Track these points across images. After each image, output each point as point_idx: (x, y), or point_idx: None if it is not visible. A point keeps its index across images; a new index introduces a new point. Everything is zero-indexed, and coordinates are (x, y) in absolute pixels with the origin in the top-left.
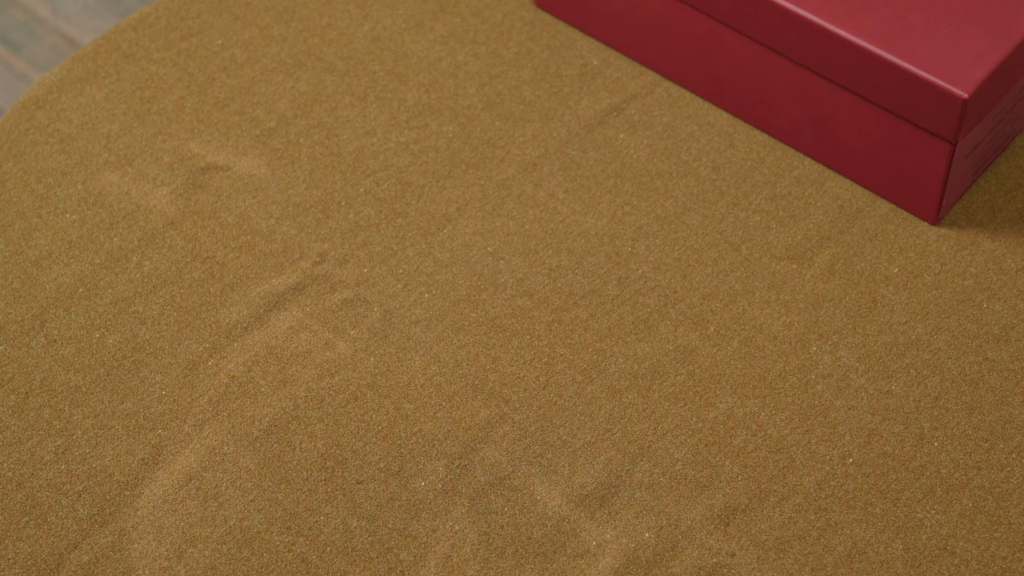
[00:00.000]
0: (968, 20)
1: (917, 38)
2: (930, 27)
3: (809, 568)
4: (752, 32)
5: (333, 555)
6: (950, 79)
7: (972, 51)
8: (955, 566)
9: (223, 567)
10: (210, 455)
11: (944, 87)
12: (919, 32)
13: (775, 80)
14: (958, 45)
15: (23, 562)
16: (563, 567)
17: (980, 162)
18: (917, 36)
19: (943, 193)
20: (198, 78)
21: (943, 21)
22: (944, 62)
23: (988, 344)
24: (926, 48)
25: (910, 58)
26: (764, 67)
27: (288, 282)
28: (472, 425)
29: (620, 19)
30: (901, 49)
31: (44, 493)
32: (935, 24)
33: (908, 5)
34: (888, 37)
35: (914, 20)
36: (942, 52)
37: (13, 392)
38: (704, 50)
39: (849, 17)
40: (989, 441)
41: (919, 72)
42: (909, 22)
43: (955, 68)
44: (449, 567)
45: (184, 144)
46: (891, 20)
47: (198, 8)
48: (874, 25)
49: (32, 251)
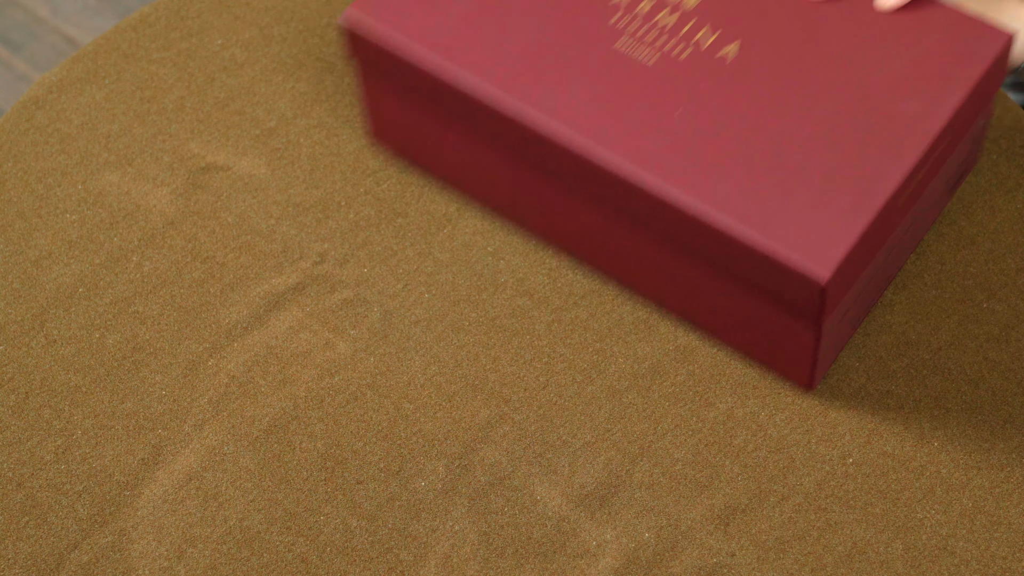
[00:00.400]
0: (826, 186)
1: (772, 211)
2: (786, 196)
3: (809, 568)
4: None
5: (333, 555)
6: (808, 261)
7: (831, 224)
8: (955, 566)
9: (223, 567)
10: (210, 455)
11: (801, 271)
12: (774, 204)
13: (635, 248)
14: (816, 216)
15: (23, 562)
16: (563, 567)
17: (857, 318)
18: (772, 209)
19: (814, 365)
20: (198, 78)
21: (800, 188)
22: (801, 240)
23: (988, 344)
24: (782, 223)
25: (765, 236)
26: (618, 234)
27: (288, 282)
28: (472, 425)
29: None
30: (756, 224)
31: (44, 493)
32: (791, 192)
33: (762, 172)
34: (742, 210)
35: (769, 189)
36: (799, 227)
37: (13, 392)
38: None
39: (697, 186)
40: (989, 441)
41: (774, 253)
42: (764, 192)
43: (813, 247)
44: (449, 567)
45: (184, 144)
46: (745, 189)
47: (198, 8)
48: (728, 195)
49: (32, 251)
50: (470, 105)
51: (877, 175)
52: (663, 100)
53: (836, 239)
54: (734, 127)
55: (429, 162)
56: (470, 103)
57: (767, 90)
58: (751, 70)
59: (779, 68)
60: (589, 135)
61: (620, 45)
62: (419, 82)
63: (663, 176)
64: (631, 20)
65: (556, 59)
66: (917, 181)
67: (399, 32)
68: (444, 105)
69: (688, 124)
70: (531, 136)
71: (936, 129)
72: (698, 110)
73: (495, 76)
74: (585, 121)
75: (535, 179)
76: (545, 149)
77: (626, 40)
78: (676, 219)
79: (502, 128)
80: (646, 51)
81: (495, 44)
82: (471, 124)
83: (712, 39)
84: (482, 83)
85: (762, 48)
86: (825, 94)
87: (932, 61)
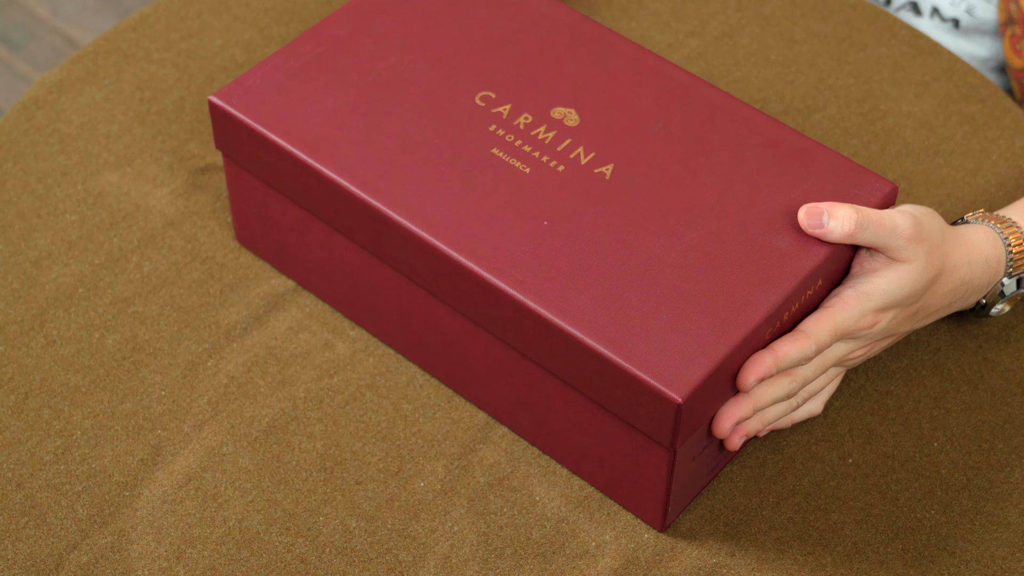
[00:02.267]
0: (690, 310)
1: (632, 327)
2: (647, 313)
3: (809, 568)
4: (457, 304)
5: (332, 556)
6: (665, 380)
7: (691, 347)
8: (955, 566)
9: (223, 567)
10: (209, 455)
11: (657, 388)
12: (634, 320)
13: (484, 356)
14: (678, 336)
15: (23, 562)
16: (563, 567)
17: (716, 459)
18: (632, 324)
19: (667, 499)
20: (198, 78)
21: (663, 310)
22: (660, 358)
23: (988, 344)
24: (641, 340)
25: (622, 351)
26: (471, 341)
27: (288, 282)
28: (471, 426)
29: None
30: (613, 339)
31: (44, 493)
32: (653, 310)
33: (627, 289)
34: (600, 323)
35: (630, 304)
36: (659, 346)
37: (13, 392)
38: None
39: (559, 297)
40: (989, 441)
41: (631, 369)
42: (624, 306)
43: (670, 368)
44: (449, 567)
45: (184, 144)
46: (604, 302)
47: (198, 8)
48: (584, 306)
49: (32, 251)
50: (331, 199)
51: (744, 304)
52: (534, 208)
53: (695, 362)
54: (603, 242)
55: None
56: (331, 197)
57: (640, 210)
58: (626, 189)
59: (655, 191)
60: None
61: (497, 152)
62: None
63: (524, 285)
64: (508, 131)
65: (426, 160)
66: (783, 319)
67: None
68: (305, 199)
69: (556, 235)
70: (391, 234)
71: (809, 267)
72: (568, 222)
73: (357, 172)
74: (448, 223)
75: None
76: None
77: (502, 149)
78: (534, 330)
79: (362, 225)
80: (522, 164)
81: (362, 140)
82: (332, 220)
83: (589, 158)
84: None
85: (640, 170)
86: (701, 221)
87: (814, 200)
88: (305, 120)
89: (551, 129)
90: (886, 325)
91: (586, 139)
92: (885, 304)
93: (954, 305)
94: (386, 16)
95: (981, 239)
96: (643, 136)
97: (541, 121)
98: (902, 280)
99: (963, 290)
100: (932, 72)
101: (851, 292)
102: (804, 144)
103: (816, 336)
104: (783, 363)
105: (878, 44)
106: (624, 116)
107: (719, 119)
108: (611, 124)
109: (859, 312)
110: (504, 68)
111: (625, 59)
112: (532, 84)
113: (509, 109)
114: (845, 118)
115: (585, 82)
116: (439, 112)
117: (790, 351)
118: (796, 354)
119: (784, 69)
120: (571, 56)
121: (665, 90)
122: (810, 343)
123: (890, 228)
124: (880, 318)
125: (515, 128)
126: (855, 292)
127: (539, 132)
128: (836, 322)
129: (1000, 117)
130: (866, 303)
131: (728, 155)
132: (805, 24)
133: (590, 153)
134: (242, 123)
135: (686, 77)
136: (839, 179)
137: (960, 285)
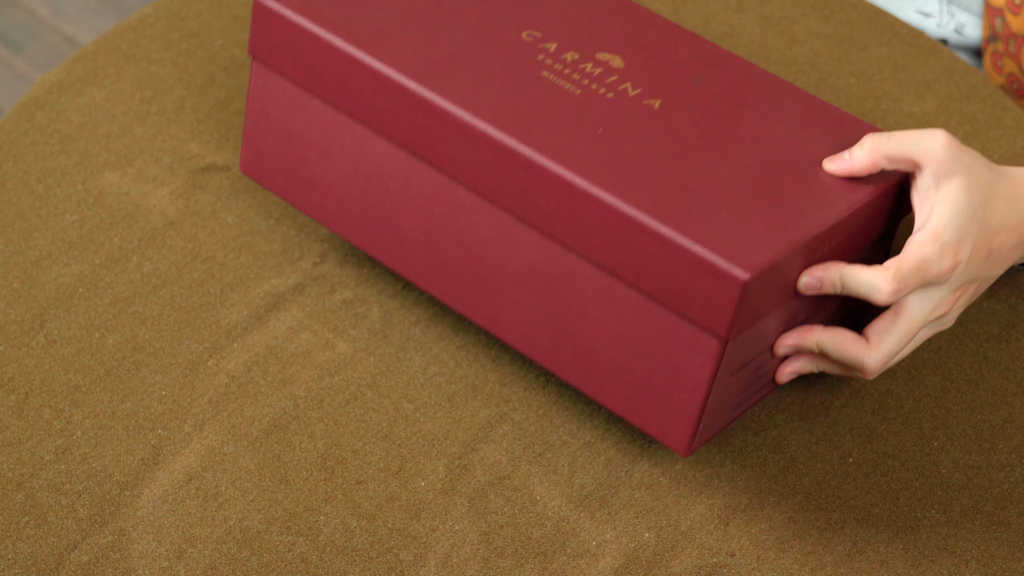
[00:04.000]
0: (752, 209)
1: (694, 213)
2: (710, 206)
3: (809, 568)
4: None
5: (333, 555)
6: (731, 258)
7: (755, 236)
8: (955, 566)
9: (223, 567)
10: (210, 455)
11: (723, 266)
12: (697, 208)
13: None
14: (740, 228)
15: (23, 562)
16: (563, 567)
17: (748, 389)
18: (694, 212)
19: (703, 410)
20: (198, 78)
21: (724, 204)
22: (724, 240)
23: (988, 344)
24: (703, 224)
25: (686, 231)
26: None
27: (288, 282)
28: (472, 425)
29: None
30: (675, 221)
31: (44, 493)
32: (715, 205)
33: (685, 184)
34: (661, 207)
35: (690, 197)
36: (722, 231)
37: (13, 392)
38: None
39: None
40: (989, 441)
41: (696, 248)
42: (685, 198)
43: (736, 248)
44: (449, 567)
45: (184, 144)
46: (665, 193)
47: (198, 8)
48: (644, 192)
49: (32, 251)
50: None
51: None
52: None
53: (760, 248)
54: (659, 153)
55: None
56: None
57: (693, 136)
58: (677, 119)
59: (706, 123)
60: (509, 130)
61: (547, 75)
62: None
63: (580, 169)
64: (556, 60)
65: (479, 70)
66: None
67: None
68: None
69: (613, 138)
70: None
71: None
72: (624, 132)
73: (412, 68)
74: (507, 120)
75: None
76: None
77: (552, 73)
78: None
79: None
80: (571, 86)
81: (414, 44)
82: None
83: (637, 92)
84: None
85: (688, 105)
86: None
87: None
88: (354, 20)
89: (597, 67)
90: (966, 264)
91: (632, 78)
92: (958, 234)
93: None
94: None
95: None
96: (686, 84)
97: (587, 59)
98: (958, 200)
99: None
100: (933, 72)
101: (923, 233)
102: (839, 114)
103: (899, 272)
104: (849, 281)
105: (879, 44)
106: (667, 67)
107: (754, 85)
108: (655, 71)
109: (939, 249)
110: (549, 13)
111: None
112: (578, 29)
113: (556, 47)
114: None
115: (629, 35)
116: (488, 37)
117: (861, 272)
118: (867, 279)
119: (785, 69)
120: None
121: (704, 56)
122: (888, 274)
123: (917, 133)
124: (960, 255)
125: (563, 60)
126: (927, 232)
127: (587, 67)
128: (918, 259)
129: (1001, 117)
130: (941, 237)
131: (768, 112)
132: (806, 24)
133: (638, 88)
134: (288, 20)
135: (721, 51)
136: None
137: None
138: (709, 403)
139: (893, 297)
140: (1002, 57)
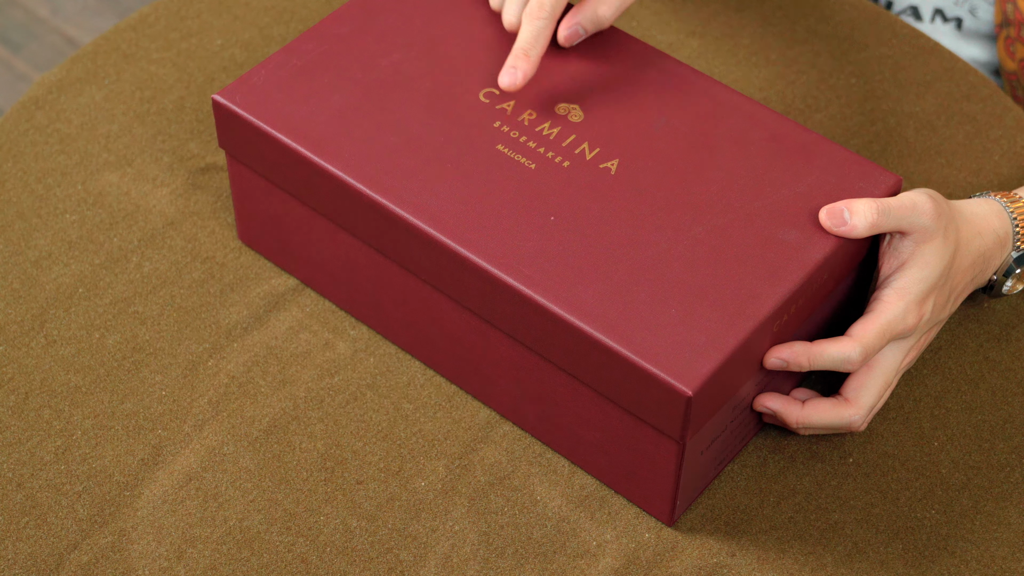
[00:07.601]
0: (699, 303)
1: (640, 320)
2: (656, 307)
3: (809, 568)
4: (464, 300)
5: (333, 555)
6: (674, 372)
7: (701, 338)
8: (955, 566)
9: (223, 567)
10: (210, 455)
11: (667, 381)
12: (643, 313)
13: (490, 352)
14: (686, 330)
15: (23, 562)
16: (563, 567)
17: (723, 452)
18: (640, 318)
19: (676, 493)
20: (198, 78)
21: (671, 303)
22: (669, 351)
23: (988, 344)
24: (649, 333)
25: (631, 345)
26: (477, 336)
27: (288, 282)
28: (472, 425)
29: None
30: (621, 333)
31: (44, 493)
32: (661, 303)
33: (635, 283)
34: (608, 317)
35: (638, 298)
36: (668, 339)
37: (13, 392)
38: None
39: (566, 291)
40: (989, 441)
41: (640, 363)
42: (632, 300)
43: (680, 361)
44: (449, 567)
45: (184, 144)
46: (612, 296)
47: (198, 8)
48: (591, 301)
49: (32, 251)
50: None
51: (751, 297)
52: (540, 205)
53: (704, 354)
54: (609, 237)
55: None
56: (336, 194)
57: (646, 204)
58: (631, 184)
59: (661, 185)
60: (460, 238)
61: (502, 148)
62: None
63: (526, 281)
64: (513, 127)
65: (431, 157)
66: (791, 312)
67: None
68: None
69: (562, 231)
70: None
71: (816, 260)
72: (574, 218)
73: (361, 169)
74: (458, 224)
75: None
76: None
77: (507, 145)
78: (541, 324)
79: (367, 222)
80: (527, 160)
81: (367, 137)
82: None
83: (594, 153)
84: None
85: (645, 165)
86: (707, 215)
87: (819, 195)
88: (309, 118)
89: (555, 125)
90: (930, 315)
91: (591, 135)
92: (924, 292)
93: (975, 280)
94: (388, 14)
95: (986, 212)
96: (647, 131)
97: (545, 117)
98: (931, 261)
99: (981, 262)
100: (933, 72)
101: (889, 291)
102: (808, 138)
103: (864, 340)
104: (817, 360)
105: (879, 44)
106: (628, 112)
107: (722, 114)
108: (615, 120)
109: (904, 308)
110: None
111: (628, 55)
112: (535, 80)
113: (513, 106)
114: (846, 118)
115: (588, 78)
116: (443, 109)
117: (828, 348)
118: (836, 354)
119: (785, 69)
120: (574, 52)
121: (668, 85)
122: (855, 345)
123: (910, 207)
124: (924, 309)
125: (519, 124)
126: (893, 290)
127: (544, 128)
128: (883, 323)
129: (1001, 116)
130: (907, 296)
131: (732, 149)
132: (806, 24)
133: (595, 148)
134: (246, 121)
135: (689, 72)
136: (843, 172)
137: (978, 257)
138: (682, 481)
139: (865, 362)
140: (1014, 43)
